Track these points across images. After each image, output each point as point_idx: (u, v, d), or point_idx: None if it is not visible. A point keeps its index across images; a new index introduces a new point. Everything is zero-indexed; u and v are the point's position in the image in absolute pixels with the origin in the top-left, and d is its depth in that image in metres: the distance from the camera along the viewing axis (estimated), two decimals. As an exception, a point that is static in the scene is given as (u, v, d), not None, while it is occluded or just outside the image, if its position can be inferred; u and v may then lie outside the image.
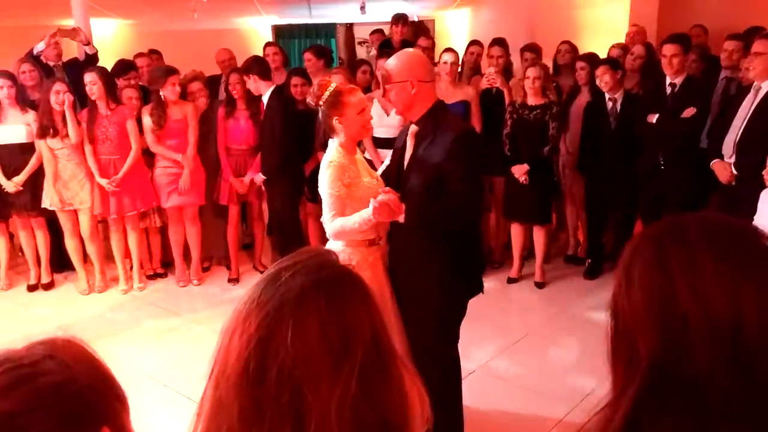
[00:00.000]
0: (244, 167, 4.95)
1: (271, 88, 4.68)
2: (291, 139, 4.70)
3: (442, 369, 2.69)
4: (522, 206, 4.76)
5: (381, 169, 3.01)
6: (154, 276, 5.27)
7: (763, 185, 3.36)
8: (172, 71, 4.78)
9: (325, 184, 2.60)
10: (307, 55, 5.54)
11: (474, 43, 5.77)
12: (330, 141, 2.73)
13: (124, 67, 5.31)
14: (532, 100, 4.64)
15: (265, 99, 4.69)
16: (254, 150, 4.92)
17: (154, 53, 6.17)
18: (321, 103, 2.66)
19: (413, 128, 2.62)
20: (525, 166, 4.61)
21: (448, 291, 2.60)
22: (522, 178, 4.62)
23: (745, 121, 3.77)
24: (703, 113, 4.31)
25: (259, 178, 4.83)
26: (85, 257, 5.04)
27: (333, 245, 2.69)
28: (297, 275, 0.85)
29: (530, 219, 4.83)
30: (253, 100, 4.89)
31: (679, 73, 4.35)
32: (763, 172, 3.34)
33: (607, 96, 4.70)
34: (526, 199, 4.69)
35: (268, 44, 6.09)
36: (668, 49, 4.32)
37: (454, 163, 2.44)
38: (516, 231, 4.93)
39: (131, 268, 5.08)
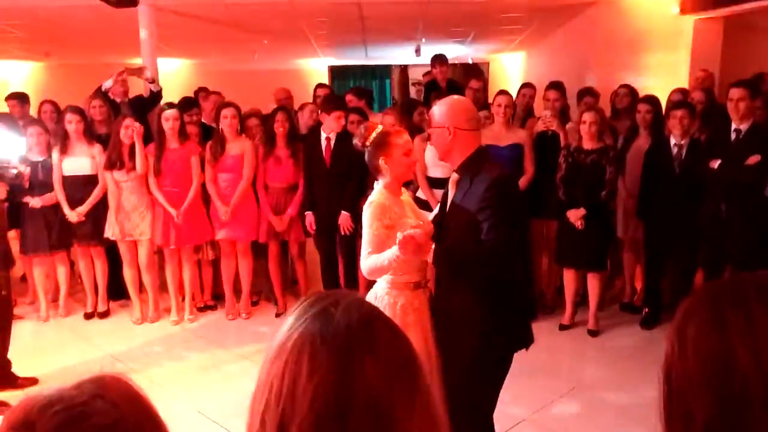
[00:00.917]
0: (283, 205, 5.01)
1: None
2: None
3: (473, 428, 2.58)
4: (576, 252, 4.65)
5: (435, 210, 2.99)
6: (204, 308, 5.35)
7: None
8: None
9: (365, 223, 2.63)
10: (349, 97, 5.66)
11: (526, 85, 5.76)
12: (376, 182, 2.75)
13: (188, 103, 5.51)
14: (588, 144, 4.58)
15: (330, 134, 4.76)
16: (293, 188, 4.99)
17: (214, 94, 6.38)
18: (367, 143, 2.69)
19: (454, 175, 2.62)
20: (582, 211, 4.52)
21: (487, 343, 2.50)
22: (578, 223, 4.53)
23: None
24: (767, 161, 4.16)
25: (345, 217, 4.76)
26: (141, 287, 5.16)
27: (379, 286, 2.69)
28: (349, 310, 0.85)
29: (585, 265, 4.72)
30: (293, 138, 4.98)
31: (745, 119, 4.23)
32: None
33: (672, 141, 4.59)
34: (582, 244, 4.59)
35: (319, 86, 6.22)
36: (735, 93, 4.22)
37: (487, 211, 2.41)
38: (569, 277, 4.81)
39: (183, 299, 5.17)
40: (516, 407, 3.63)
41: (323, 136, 4.81)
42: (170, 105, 4.99)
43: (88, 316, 5.19)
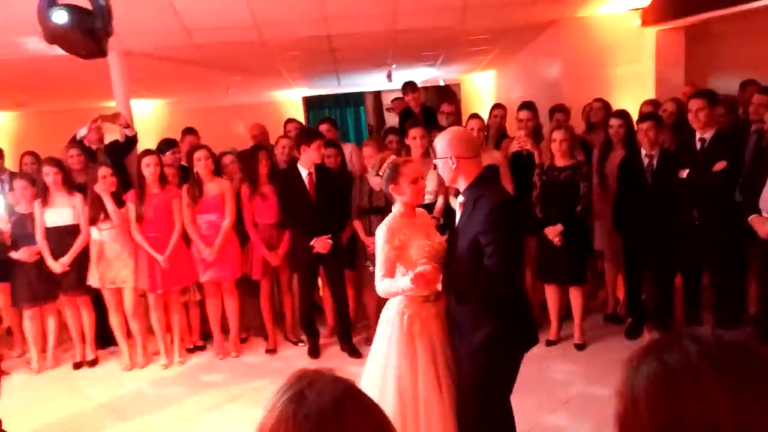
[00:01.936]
0: (275, 241, 5.04)
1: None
2: None
3: (492, 425, 2.77)
4: (557, 268, 4.73)
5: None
6: (194, 349, 5.34)
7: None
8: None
9: (377, 247, 2.89)
10: (326, 126, 5.75)
11: (497, 106, 5.89)
12: (393, 207, 3.02)
13: (168, 143, 5.57)
14: (560, 162, 4.68)
15: (311, 169, 4.83)
16: (281, 223, 5.04)
17: (190, 133, 6.40)
18: (381, 173, 2.97)
19: (460, 198, 2.81)
20: (559, 227, 4.61)
21: (496, 345, 2.68)
22: (556, 240, 4.61)
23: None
24: (735, 166, 4.28)
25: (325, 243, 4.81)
26: (128, 332, 5.14)
27: (393, 298, 2.94)
28: (322, 392, 0.90)
29: (566, 281, 4.80)
30: (275, 174, 5.04)
31: (708, 127, 4.35)
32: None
33: (643, 152, 4.71)
34: (561, 260, 4.67)
35: (289, 120, 6.30)
36: (694, 104, 4.35)
37: (488, 235, 2.58)
38: (551, 293, 4.89)
39: (171, 342, 5.16)
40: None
41: (304, 171, 4.85)
42: (148, 151, 5.03)
43: (77, 366, 5.17)
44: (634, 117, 5.14)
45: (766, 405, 0.76)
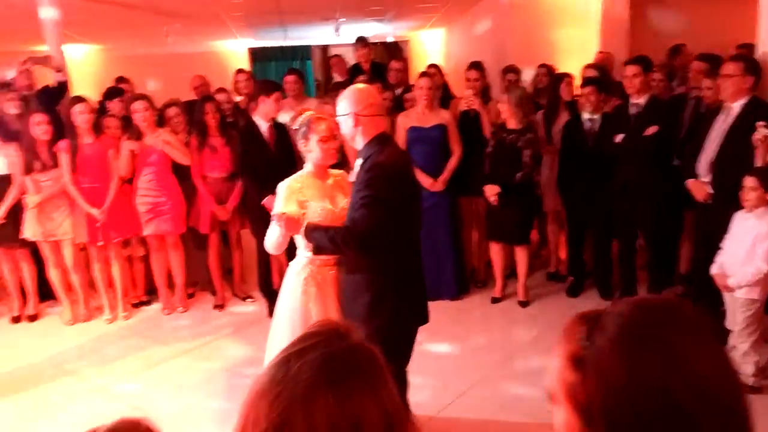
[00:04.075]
0: (225, 195, 4.96)
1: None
2: None
3: None
4: (502, 227, 4.83)
5: None
6: (139, 304, 5.24)
7: (738, 206, 3.49)
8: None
9: (276, 201, 2.93)
10: (294, 78, 5.57)
11: (432, 66, 5.94)
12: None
13: (113, 92, 5.35)
14: (510, 124, 4.73)
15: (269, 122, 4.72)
16: (232, 176, 4.94)
17: (122, 81, 6.15)
18: (295, 128, 2.97)
19: (359, 160, 2.75)
20: (496, 188, 4.68)
21: (373, 318, 2.62)
22: (492, 199, 4.69)
23: (720, 141, 3.90)
24: (668, 131, 4.44)
25: None
26: (69, 287, 5.00)
27: (298, 260, 2.96)
28: (305, 367, 0.87)
29: (510, 239, 4.91)
30: (225, 127, 4.93)
31: (642, 93, 4.50)
32: (740, 193, 3.45)
33: (585, 116, 4.83)
34: (506, 219, 4.76)
35: (239, 71, 6.12)
36: (629, 70, 4.51)
37: (359, 192, 2.59)
38: (496, 251, 5.00)
39: (115, 297, 5.04)
40: (456, 380, 3.79)
41: (263, 125, 4.71)
42: (79, 98, 4.80)
43: (15, 320, 5.00)
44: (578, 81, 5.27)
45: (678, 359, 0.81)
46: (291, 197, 2.85)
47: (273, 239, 2.86)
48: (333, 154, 2.94)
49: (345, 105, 2.73)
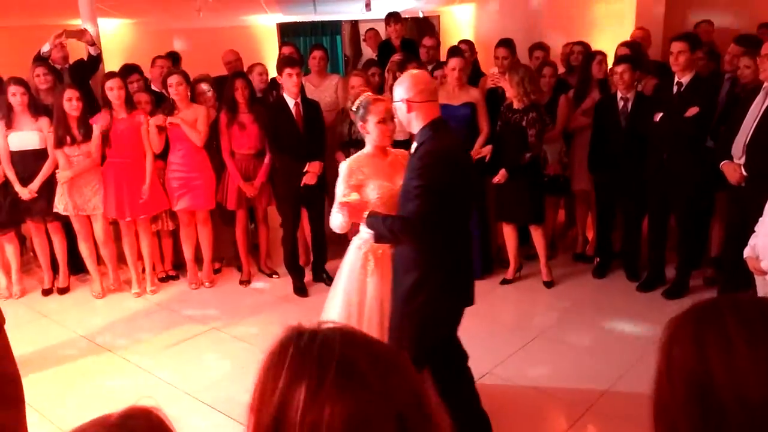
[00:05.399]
0: (252, 171, 4.98)
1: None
2: None
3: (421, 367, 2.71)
4: (511, 207, 4.76)
5: None
6: (166, 278, 5.32)
7: (773, 189, 3.38)
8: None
9: (338, 183, 3.00)
10: (320, 53, 5.52)
11: (464, 42, 5.83)
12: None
13: (127, 69, 5.37)
14: (516, 104, 4.64)
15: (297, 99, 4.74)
16: (260, 153, 4.96)
17: (159, 58, 6.15)
18: (353, 109, 3.00)
19: (414, 144, 2.76)
20: (501, 171, 4.62)
21: (419, 294, 2.66)
22: (495, 179, 4.65)
23: (756, 123, 3.78)
24: (707, 113, 4.31)
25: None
26: (99, 260, 5.09)
27: (360, 234, 3.06)
28: (319, 345, 0.88)
29: (521, 220, 4.83)
30: (253, 103, 4.93)
31: (687, 71, 4.35)
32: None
33: (618, 95, 4.71)
34: (515, 200, 4.70)
35: (284, 44, 6.10)
36: (676, 47, 4.33)
37: (414, 181, 2.59)
38: (507, 232, 4.92)
39: (143, 271, 5.13)
40: (480, 360, 3.78)
41: (290, 101, 4.73)
42: (112, 74, 4.84)
43: (46, 293, 5.11)
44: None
45: None
46: (351, 176, 2.94)
47: (337, 223, 2.94)
48: (390, 135, 3.00)
49: (400, 91, 2.72)
